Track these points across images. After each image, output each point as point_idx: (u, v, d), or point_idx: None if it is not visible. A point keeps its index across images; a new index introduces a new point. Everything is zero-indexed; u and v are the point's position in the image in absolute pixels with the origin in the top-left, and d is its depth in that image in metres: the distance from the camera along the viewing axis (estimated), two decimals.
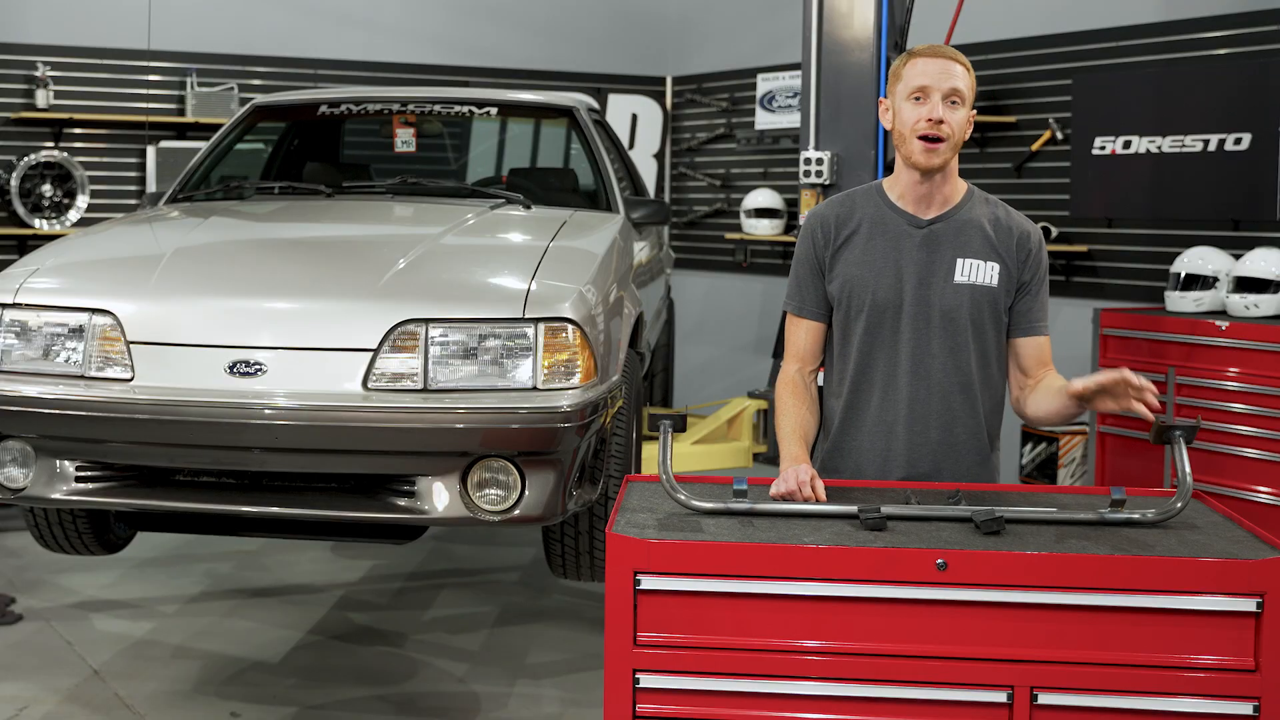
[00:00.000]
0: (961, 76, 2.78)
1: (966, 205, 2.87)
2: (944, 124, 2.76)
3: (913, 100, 2.78)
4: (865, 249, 2.85)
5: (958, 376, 2.83)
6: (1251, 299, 5.41)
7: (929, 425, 2.84)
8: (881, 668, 2.32)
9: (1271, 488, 5.27)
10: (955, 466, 2.86)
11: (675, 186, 9.43)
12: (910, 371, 2.83)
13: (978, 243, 2.84)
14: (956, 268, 2.82)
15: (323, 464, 3.74)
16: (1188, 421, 2.64)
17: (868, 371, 2.86)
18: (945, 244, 2.83)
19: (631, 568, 2.33)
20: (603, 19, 9.25)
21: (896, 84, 2.82)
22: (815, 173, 5.46)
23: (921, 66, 2.78)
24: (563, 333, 3.77)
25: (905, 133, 2.80)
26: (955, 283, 2.82)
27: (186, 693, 4.40)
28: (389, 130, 6.53)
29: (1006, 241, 2.86)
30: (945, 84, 2.76)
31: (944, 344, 2.82)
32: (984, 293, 2.83)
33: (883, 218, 2.87)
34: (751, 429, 7.51)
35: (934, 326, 2.82)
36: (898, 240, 2.84)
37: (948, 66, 2.77)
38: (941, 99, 2.76)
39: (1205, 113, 6.02)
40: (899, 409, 2.84)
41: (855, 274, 2.85)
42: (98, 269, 4.17)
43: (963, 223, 2.85)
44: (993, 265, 2.83)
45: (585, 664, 4.68)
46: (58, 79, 7.79)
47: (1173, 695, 2.29)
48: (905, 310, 2.82)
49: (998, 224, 2.87)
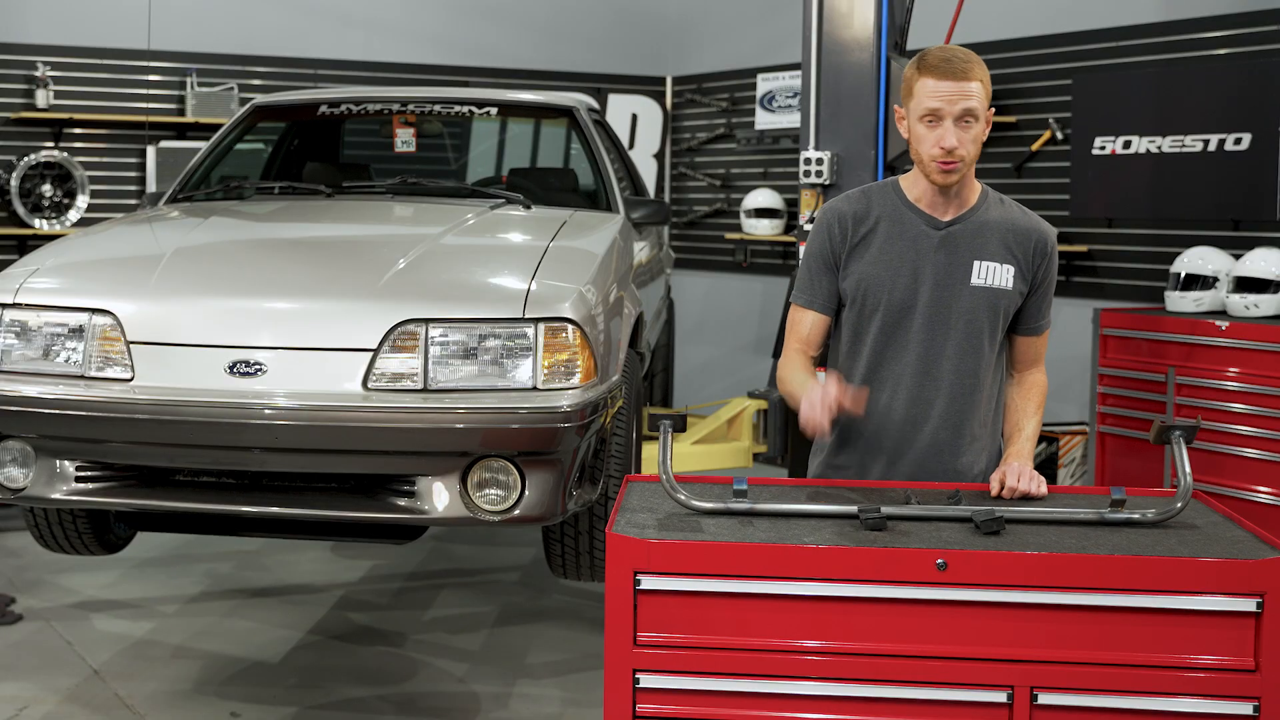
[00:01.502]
0: (975, 94, 2.73)
1: (983, 207, 2.88)
2: (957, 148, 2.74)
3: (925, 123, 2.75)
4: (883, 248, 2.85)
5: (969, 378, 2.84)
6: (1251, 299, 5.41)
7: (938, 426, 2.84)
8: (881, 668, 2.32)
9: (1271, 488, 5.27)
10: (959, 465, 2.86)
11: (675, 186, 9.43)
12: (922, 371, 2.83)
13: (994, 245, 2.84)
14: (973, 270, 2.82)
15: (323, 464, 3.74)
16: (1188, 421, 2.64)
17: (878, 370, 2.86)
18: (963, 246, 2.83)
19: (631, 568, 2.33)
20: (603, 19, 9.25)
21: (909, 99, 2.78)
22: (815, 173, 5.46)
23: (933, 87, 2.73)
24: (563, 333, 3.77)
25: (921, 152, 2.78)
26: (972, 285, 2.82)
27: (186, 693, 4.40)
28: (389, 130, 6.53)
29: (1024, 244, 2.86)
30: (957, 107, 2.72)
31: (957, 346, 2.82)
32: (999, 295, 2.83)
33: (901, 217, 2.86)
34: (751, 429, 7.50)
35: (948, 328, 2.82)
36: (916, 241, 2.84)
37: (960, 89, 2.72)
38: (954, 121, 2.74)
39: (1205, 113, 6.02)
40: (907, 408, 2.84)
41: (872, 272, 2.84)
42: (98, 269, 4.17)
43: (980, 225, 2.85)
44: (1008, 268, 2.83)
45: (585, 664, 4.68)
46: (58, 79, 7.79)
47: (1173, 695, 2.29)
48: (920, 311, 2.82)
49: (1015, 226, 2.87)
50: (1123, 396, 5.83)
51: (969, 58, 2.76)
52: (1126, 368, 5.79)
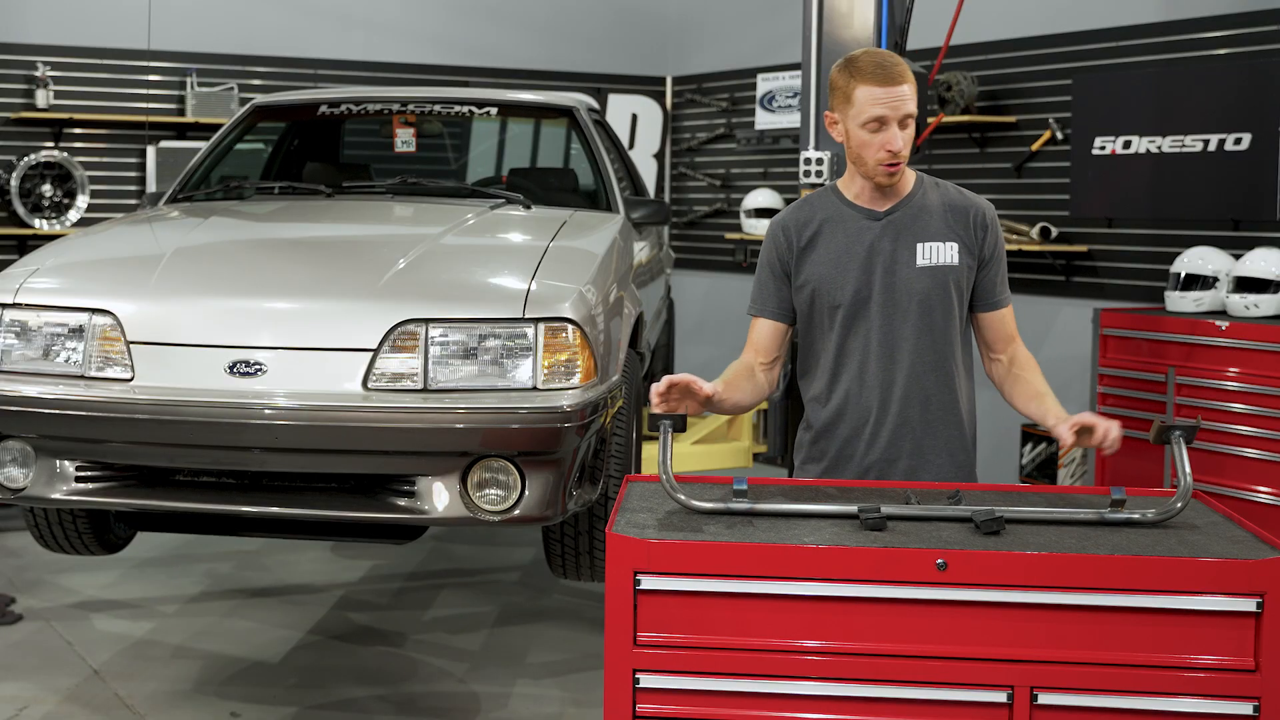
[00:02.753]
0: (911, 96, 2.84)
1: (920, 192, 2.96)
2: (901, 149, 2.84)
3: (869, 129, 2.83)
4: (829, 247, 2.94)
5: (931, 356, 2.91)
6: (1251, 299, 5.41)
7: (907, 406, 2.91)
8: (881, 668, 2.32)
9: (1271, 488, 5.27)
10: (935, 443, 2.93)
11: (675, 186, 9.43)
12: (884, 356, 2.91)
13: (936, 225, 2.92)
14: (918, 252, 2.91)
15: (323, 464, 3.74)
16: (1188, 421, 2.64)
17: (843, 361, 2.94)
18: (904, 231, 2.92)
19: (631, 568, 2.33)
20: (603, 19, 9.25)
21: (847, 105, 2.86)
22: (815, 173, 5.46)
23: (876, 94, 2.81)
24: (563, 333, 3.77)
25: (864, 155, 2.87)
26: (918, 266, 2.90)
27: (186, 693, 4.40)
28: (389, 130, 6.53)
29: (963, 219, 2.94)
30: (899, 112, 2.82)
31: (914, 326, 2.90)
32: (947, 272, 2.91)
33: (841, 215, 2.95)
34: (751, 429, 7.50)
35: (902, 311, 2.90)
36: (859, 235, 2.93)
37: (897, 93, 2.81)
38: (898, 124, 2.83)
39: (1205, 113, 6.02)
40: (876, 394, 2.92)
41: (822, 272, 2.93)
42: (98, 269, 4.17)
43: (918, 209, 2.94)
44: (951, 245, 2.92)
45: (585, 664, 4.68)
46: (58, 79, 7.79)
47: (1173, 695, 2.29)
48: (874, 299, 2.90)
49: (952, 206, 2.95)
50: (1123, 396, 5.83)
51: (898, 60, 2.88)
52: (1126, 368, 5.79)
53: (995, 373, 3.03)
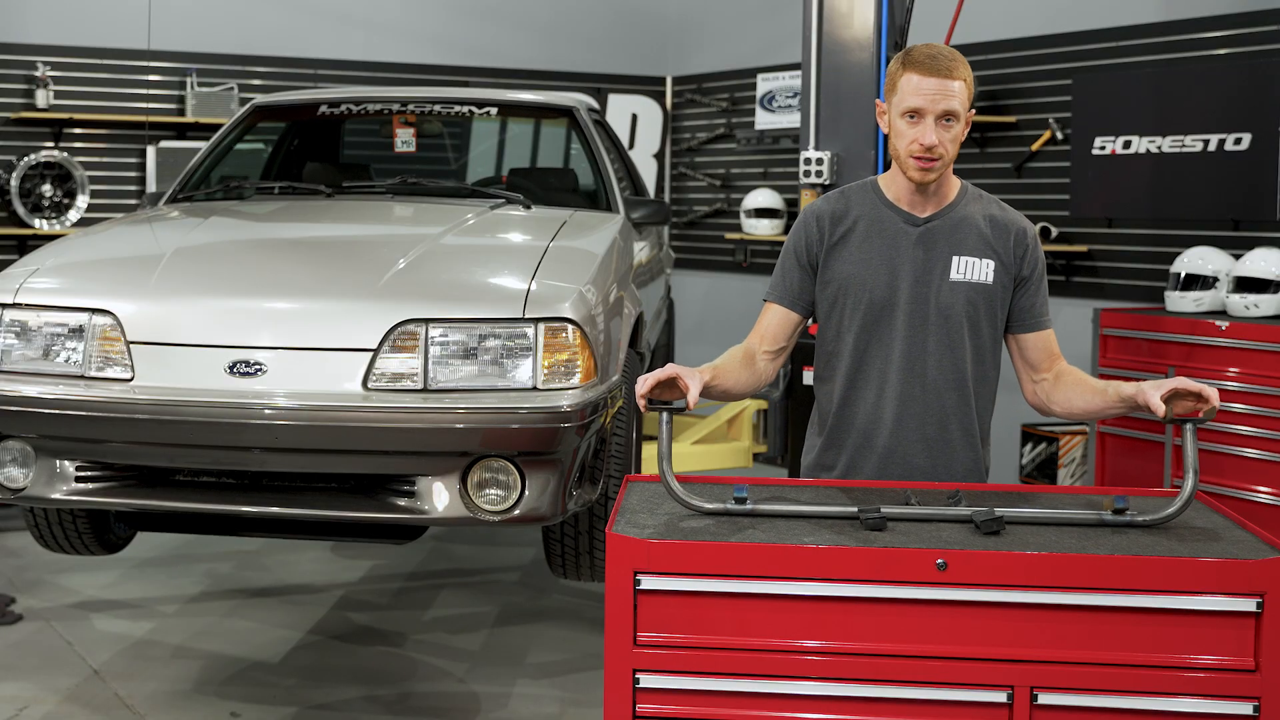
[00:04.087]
0: (958, 94, 2.73)
1: (962, 203, 2.87)
2: (937, 147, 2.74)
3: (907, 119, 2.75)
4: (861, 247, 2.85)
5: (953, 374, 2.83)
6: (1251, 299, 5.41)
7: (924, 422, 2.83)
8: (881, 668, 2.31)
9: (1271, 488, 5.27)
10: (949, 462, 2.86)
11: (675, 186, 9.43)
12: (905, 369, 2.83)
13: (973, 240, 2.83)
14: (953, 265, 2.82)
15: (323, 464, 3.74)
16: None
17: (862, 369, 2.86)
18: (941, 242, 2.83)
19: (631, 568, 2.33)
20: (603, 19, 9.25)
21: (892, 94, 2.78)
22: (815, 173, 5.46)
23: (917, 84, 2.73)
24: (563, 333, 3.77)
25: (900, 148, 2.78)
26: (951, 280, 2.81)
27: (186, 693, 4.40)
28: (389, 130, 6.53)
29: (1003, 238, 2.85)
30: (939, 106, 2.72)
31: (939, 342, 2.82)
32: (980, 290, 2.82)
33: (879, 216, 2.86)
34: (751, 429, 7.50)
35: (929, 324, 2.81)
36: (894, 238, 2.83)
37: (943, 86, 2.72)
38: (935, 120, 2.73)
39: (1205, 113, 6.02)
40: (893, 406, 2.83)
41: (851, 271, 2.84)
42: (98, 269, 4.17)
43: (958, 220, 2.84)
44: (988, 262, 2.83)
45: (585, 664, 4.68)
46: (58, 79, 7.79)
47: (1173, 695, 2.29)
48: (901, 308, 2.82)
49: (993, 221, 2.86)
50: None
51: (954, 56, 2.76)
52: (1126, 368, 5.79)
53: (1040, 391, 2.92)
